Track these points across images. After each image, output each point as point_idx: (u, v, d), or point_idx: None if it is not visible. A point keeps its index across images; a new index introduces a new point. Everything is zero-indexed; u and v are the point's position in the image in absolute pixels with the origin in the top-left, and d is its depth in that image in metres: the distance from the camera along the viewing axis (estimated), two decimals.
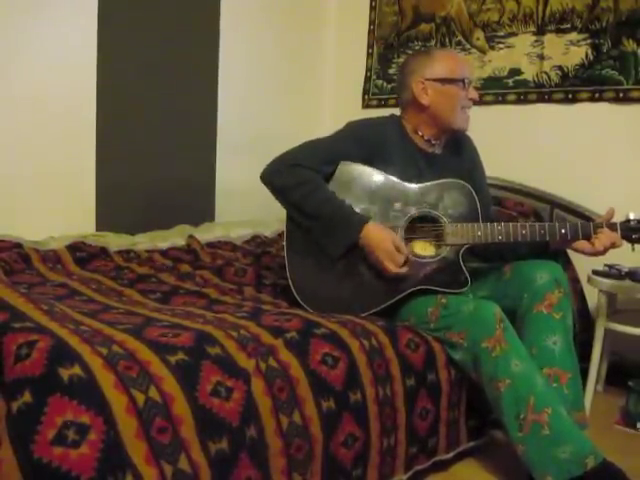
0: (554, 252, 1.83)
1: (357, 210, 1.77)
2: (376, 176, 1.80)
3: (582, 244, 1.73)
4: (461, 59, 1.93)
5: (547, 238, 1.72)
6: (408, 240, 1.78)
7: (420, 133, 1.87)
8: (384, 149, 1.81)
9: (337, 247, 1.74)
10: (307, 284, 1.77)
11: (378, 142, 1.82)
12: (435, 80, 1.80)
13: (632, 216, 1.71)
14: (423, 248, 1.79)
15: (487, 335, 1.57)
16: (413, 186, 1.79)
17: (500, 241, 1.73)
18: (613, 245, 1.68)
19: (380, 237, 1.71)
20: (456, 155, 1.92)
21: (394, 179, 1.79)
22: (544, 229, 1.72)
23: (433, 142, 1.87)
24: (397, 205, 1.78)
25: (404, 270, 1.72)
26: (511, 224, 1.73)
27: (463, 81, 1.80)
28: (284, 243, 1.82)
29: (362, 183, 1.80)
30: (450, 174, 1.82)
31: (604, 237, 1.68)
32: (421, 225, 1.79)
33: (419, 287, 1.75)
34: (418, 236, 1.79)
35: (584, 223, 1.73)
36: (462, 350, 1.64)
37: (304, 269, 1.79)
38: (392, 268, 1.70)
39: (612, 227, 1.70)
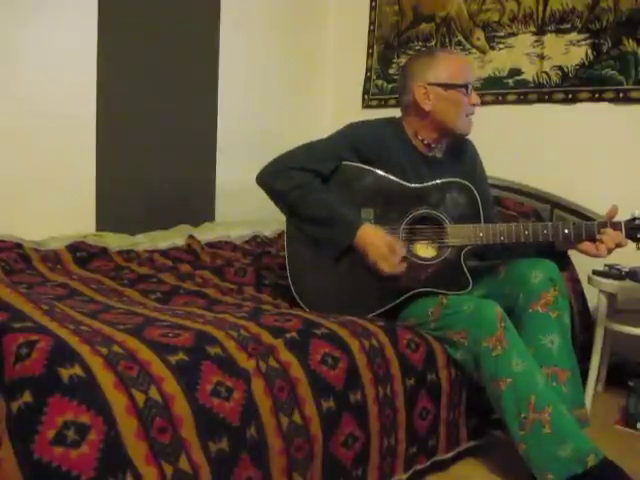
0: (560, 254, 1.80)
1: (356, 211, 1.76)
2: (377, 176, 1.78)
3: (586, 246, 1.69)
4: (464, 62, 1.86)
5: (550, 238, 1.70)
6: (409, 242, 1.77)
7: (420, 137, 1.84)
8: (382, 152, 1.80)
9: (331, 250, 1.75)
10: (307, 286, 1.77)
11: (376, 145, 1.80)
12: (438, 85, 1.76)
13: (638, 214, 1.67)
14: (424, 250, 1.77)
15: (488, 334, 1.56)
16: (414, 186, 1.77)
17: (502, 242, 1.71)
18: (618, 246, 1.66)
19: (373, 239, 1.69)
20: (457, 159, 1.90)
21: (395, 179, 1.77)
22: (547, 229, 1.69)
23: (433, 146, 1.85)
24: (397, 205, 1.76)
25: (399, 270, 1.70)
26: (513, 224, 1.71)
27: (466, 86, 1.77)
28: (284, 243, 1.82)
29: (362, 183, 1.78)
30: (450, 177, 1.80)
31: (608, 239, 1.65)
32: (422, 226, 1.78)
33: (420, 289, 1.74)
34: (419, 237, 1.78)
35: (587, 223, 1.70)
36: (463, 349, 1.64)
37: (304, 270, 1.78)
38: (385, 268, 1.69)
39: (616, 226, 1.67)
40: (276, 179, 1.78)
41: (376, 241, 1.69)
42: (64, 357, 1.11)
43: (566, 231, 1.69)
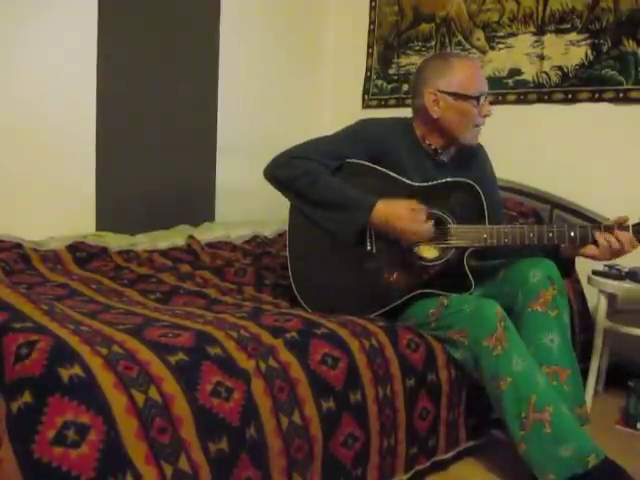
0: (565, 260, 1.77)
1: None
2: (381, 174, 1.77)
3: (592, 250, 1.67)
4: (479, 72, 1.80)
5: (555, 241, 1.68)
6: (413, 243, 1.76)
7: (428, 142, 1.83)
8: (391, 151, 1.78)
9: (347, 232, 1.71)
10: (309, 285, 1.77)
11: (384, 144, 1.79)
12: (448, 94, 1.74)
13: None
14: (427, 250, 1.76)
15: (488, 334, 1.56)
16: (418, 185, 1.76)
17: (506, 244, 1.69)
18: (621, 249, 1.63)
19: (392, 209, 1.67)
20: (466, 163, 1.88)
21: (399, 178, 1.76)
22: (552, 232, 1.67)
23: (440, 151, 1.84)
24: None
25: (431, 224, 1.68)
26: (518, 227, 1.69)
27: (478, 98, 1.74)
28: (286, 243, 1.81)
29: (367, 181, 1.76)
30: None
31: (626, 240, 1.62)
32: None
33: (422, 291, 1.73)
34: None
35: (594, 225, 1.68)
36: (463, 349, 1.64)
37: (306, 270, 1.78)
38: (419, 228, 1.66)
39: (624, 230, 1.65)
40: (282, 169, 1.76)
41: (396, 210, 1.67)
42: (64, 357, 1.11)
43: (572, 234, 1.67)
